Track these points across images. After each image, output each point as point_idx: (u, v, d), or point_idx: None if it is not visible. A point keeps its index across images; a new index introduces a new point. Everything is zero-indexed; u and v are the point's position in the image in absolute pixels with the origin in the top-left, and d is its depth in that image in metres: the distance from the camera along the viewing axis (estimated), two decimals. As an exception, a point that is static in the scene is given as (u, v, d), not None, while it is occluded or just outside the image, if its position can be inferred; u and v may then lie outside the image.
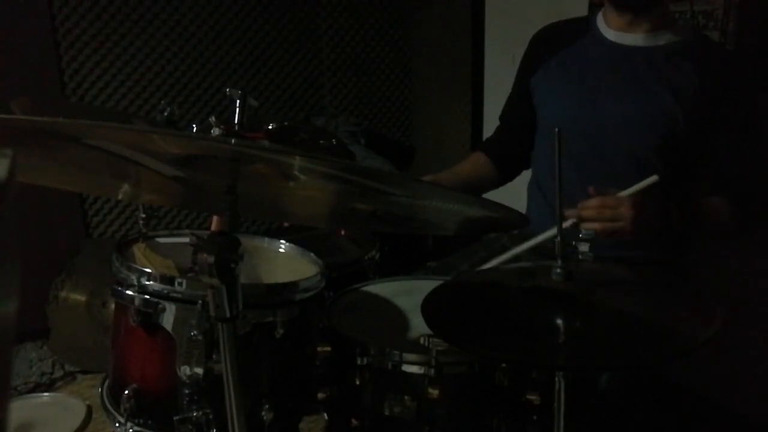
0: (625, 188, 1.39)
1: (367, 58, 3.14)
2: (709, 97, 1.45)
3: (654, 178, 1.36)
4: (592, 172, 1.48)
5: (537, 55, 1.69)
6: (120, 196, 1.78)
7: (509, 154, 1.76)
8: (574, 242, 1.11)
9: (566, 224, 1.37)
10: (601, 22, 1.59)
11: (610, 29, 1.56)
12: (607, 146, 1.51)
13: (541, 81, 1.66)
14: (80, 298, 2.28)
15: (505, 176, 1.79)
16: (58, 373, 2.31)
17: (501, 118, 1.82)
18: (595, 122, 1.52)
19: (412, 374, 1.09)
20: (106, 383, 1.23)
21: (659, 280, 1.17)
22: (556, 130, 0.99)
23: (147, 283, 1.11)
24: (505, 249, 1.53)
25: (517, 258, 1.61)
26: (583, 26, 1.62)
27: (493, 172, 1.76)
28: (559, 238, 0.99)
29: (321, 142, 1.66)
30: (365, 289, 1.41)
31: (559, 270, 0.98)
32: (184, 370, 1.07)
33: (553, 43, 1.65)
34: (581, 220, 1.33)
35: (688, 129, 1.46)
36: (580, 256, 1.11)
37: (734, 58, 1.60)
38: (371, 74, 3.17)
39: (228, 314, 0.86)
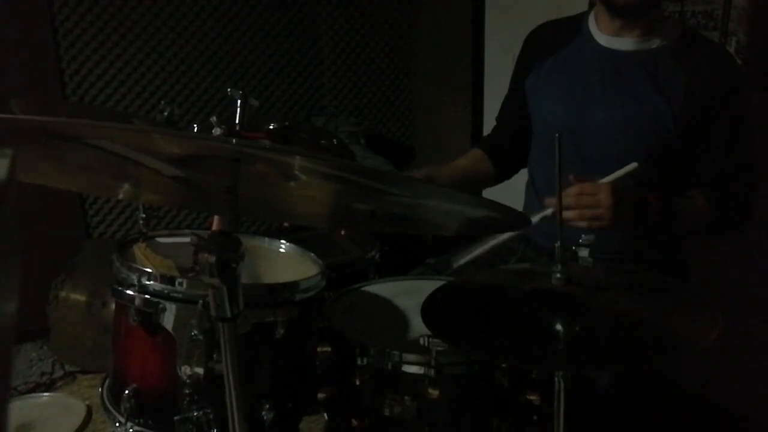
0: None
1: (367, 57, 3.13)
2: (698, 96, 1.44)
3: (633, 165, 1.35)
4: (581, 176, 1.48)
5: (530, 56, 1.68)
6: (120, 196, 1.78)
7: (506, 152, 1.76)
8: (574, 247, 1.11)
9: (546, 212, 1.36)
10: (592, 25, 1.57)
11: (601, 33, 1.54)
12: (596, 152, 1.51)
13: (533, 84, 1.65)
14: (80, 298, 2.28)
15: (502, 173, 1.79)
16: (58, 373, 2.31)
17: (498, 118, 1.82)
18: (584, 128, 1.51)
19: (412, 374, 1.09)
20: (106, 383, 1.23)
21: (659, 283, 1.17)
22: (556, 135, 0.99)
23: (147, 283, 1.11)
24: (504, 246, 1.53)
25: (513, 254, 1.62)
26: (576, 27, 1.61)
27: (490, 168, 1.76)
28: (559, 242, 0.99)
29: (321, 142, 1.66)
30: (365, 289, 1.41)
31: (558, 275, 0.99)
32: (185, 370, 1.07)
33: (545, 45, 1.64)
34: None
35: (678, 134, 1.45)
36: (579, 261, 1.11)
37: (723, 54, 1.58)
38: (371, 74, 3.16)
39: (228, 314, 0.86)
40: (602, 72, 1.52)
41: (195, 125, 1.37)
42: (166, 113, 1.35)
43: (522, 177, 1.79)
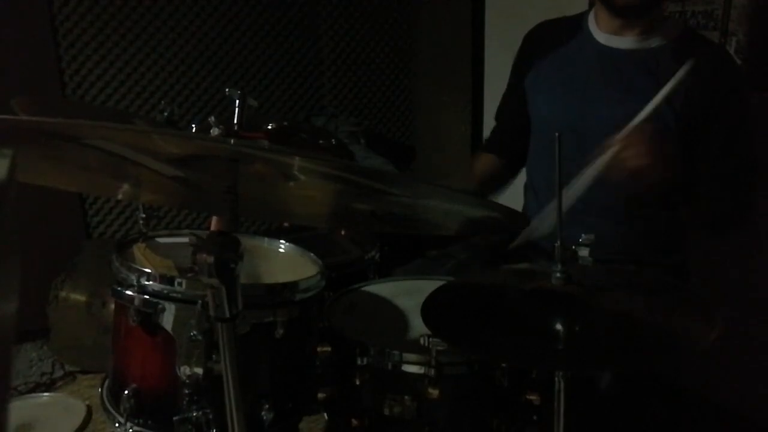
0: (614, 194, 1.39)
1: (367, 57, 3.13)
2: (698, 96, 1.44)
3: (690, 63, 1.30)
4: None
5: (530, 55, 1.67)
6: (120, 196, 1.78)
7: (511, 148, 1.76)
8: (574, 247, 1.10)
9: (607, 156, 1.32)
10: (592, 23, 1.57)
11: (601, 31, 1.54)
12: (597, 150, 1.50)
13: (533, 82, 1.65)
14: (80, 298, 2.28)
15: (513, 170, 1.79)
16: (58, 373, 2.31)
17: (497, 117, 1.81)
18: (585, 126, 1.51)
19: (412, 374, 1.09)
20: (106, 383, 1.23)
21: (659, 283, 1.17)
22: (557, 135, 0.99)
23: (147, 283, 1.11)
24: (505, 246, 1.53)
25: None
26: (576, 25, 1.60)
27: (503, 167, 1.77)
28: (558, 242, 0.99)
29: (321, 142, 1.66)
30: (365, 289, 1.41)
31: (558, 275, 0.98)
32: (184, 370, 1.07)
33: (545, 44, 1.64)
34: (621, 154, 1.29)
35: (679, 132, 1.45)
36: (579, 261, 1.11)
37: (723, 54, 1.57)
38: (371, 74, 3.17)
39: (228, 314, 0.86)
40: (602, 70, 1.52)
41: (193, 125, 1.37)
42: (166, 113, 1.35)
43: (522, 177, 1.79)
